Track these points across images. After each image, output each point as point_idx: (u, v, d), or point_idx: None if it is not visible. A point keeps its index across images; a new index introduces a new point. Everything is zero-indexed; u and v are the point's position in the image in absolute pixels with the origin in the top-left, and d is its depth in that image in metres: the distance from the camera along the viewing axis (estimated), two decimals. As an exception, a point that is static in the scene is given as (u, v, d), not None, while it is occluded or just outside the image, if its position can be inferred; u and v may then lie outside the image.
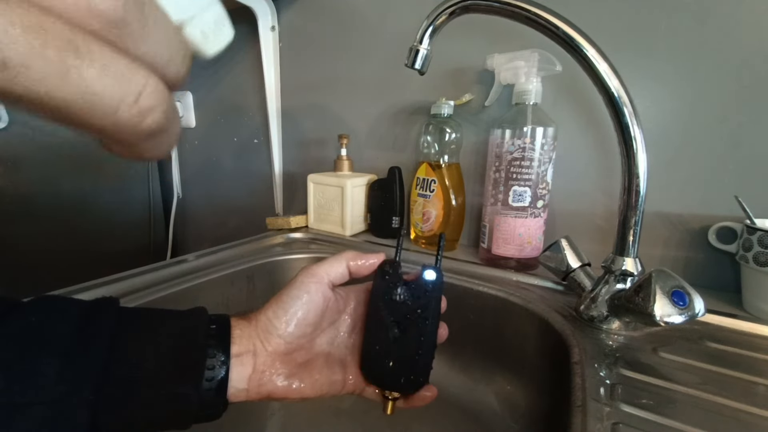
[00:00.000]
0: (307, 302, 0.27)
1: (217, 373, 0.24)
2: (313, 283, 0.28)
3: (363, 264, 0.29)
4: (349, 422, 0.46)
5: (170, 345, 0.24)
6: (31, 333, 0.20)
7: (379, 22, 0.68)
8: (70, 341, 0.20)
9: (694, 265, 0.49)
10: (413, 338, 0.27)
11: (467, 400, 0.47)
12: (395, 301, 0.28)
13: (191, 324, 0.25)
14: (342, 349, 0.30)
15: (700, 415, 0.27)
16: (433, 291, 0.28)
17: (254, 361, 0.26)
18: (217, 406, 0.24)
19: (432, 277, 0.28)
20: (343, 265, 0.29)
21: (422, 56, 0.41)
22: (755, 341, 0.37)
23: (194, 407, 0.23)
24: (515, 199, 0.50)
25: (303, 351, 0.28)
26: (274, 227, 0.71)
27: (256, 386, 0.25)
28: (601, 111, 0.50)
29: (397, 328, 0.28)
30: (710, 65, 0.46)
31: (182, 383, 0.23)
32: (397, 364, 0.27)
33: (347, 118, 0.75)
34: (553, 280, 0.48)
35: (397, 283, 0.28)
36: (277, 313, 0.27)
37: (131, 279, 0.45)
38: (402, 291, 0.28)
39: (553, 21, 0.35)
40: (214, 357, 0.24)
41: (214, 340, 0.25)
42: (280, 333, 0.26)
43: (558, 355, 0.37)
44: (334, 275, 0.29)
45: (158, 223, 1.02)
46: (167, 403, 0.22)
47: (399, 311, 0.28)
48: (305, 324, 0.27)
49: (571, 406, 0.28)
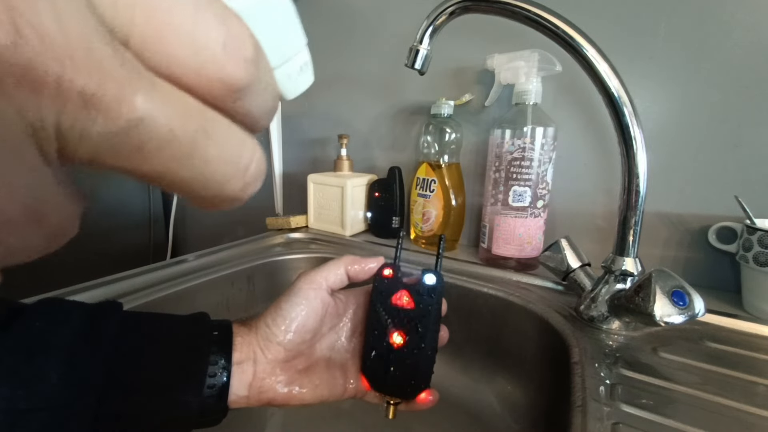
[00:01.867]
0: (306, 309, 0.27)
1: (218, 380, 0.24)
2: (312, 289, 0.28)
3: (362, 269, 0.29)
4: (349, 423, 0.46)
5: (173, 351, 0.24)
6: (35, 338, 0.20)
7: (379, 22, 0.68)
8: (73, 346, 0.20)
9: (694, 265, 0.49)
10: (414, 343, 0.27)
11: (467, 400, 0.47)
12: (395, 306, 0.28)
13: (194, 330, 0.25)
14: (343, 354, 0.30)
15: (700, 415, 0.27)
16: (433, 295, 0.27)
17: (254, 368, 0.26)
18: (217, 412, 0.24)
19: (432, 281, 0.28)
20: (342, 270, 0.29)
21: (422, 56, 0.41)
22: (755, 341, 0.37)
23: (195, 413, 0.23)
24: (515, 199, 0.50)
25: (303, 357, 0.28)
26: (274, 227, 0.71)
27: (257, 393, 0.26)
28: (601, 111, 0.50)
29: (397, 333, 0.27)
30: (710, 65, 0.46)
31: (184, 389, 0.23)
32: (398, 369, 0.27)
33: (347, 118, 0.75)
34: (553, 280, 0.48)
35: (397, 288, 0.28)
36: (276, 320, 0.27)
37: (131, 279, 0.45)
38: (402, 295, 0.28)
39: (553, 21, 0.35)
40: (216, 364, 0.24)
41: (217, 347, 0.25)
42: (279, 340, 0.26)
43: (558, 355, 0.37)
44: (332, 281, 0.28)
45: (158, 223, 1.02)
46: (169, 409, 0.22)
47: (399, 316, 0.27)
48: (304, 331, 0.27)
49: (571, 406, 0.28)
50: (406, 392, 0.27)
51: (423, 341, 0.27)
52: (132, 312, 0.25)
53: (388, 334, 0.27)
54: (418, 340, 0.27)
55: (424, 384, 0.27)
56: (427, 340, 0.27)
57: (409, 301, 0.28)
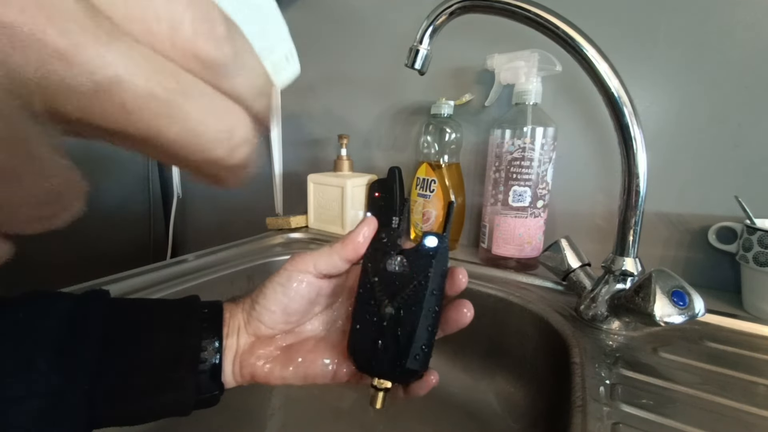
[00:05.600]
0: (290, 291, 0.26)
1: (210, 356, 0.24)
2: (296, 272, 0.26)
3: (359, 242, 0.26)
4: (349, 423, 0.46)
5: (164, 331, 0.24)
6: (21, 328, 0.20)
7: (379, 22, 0.68)
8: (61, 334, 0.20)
9: (694, 265, 0.49)
10: (409, 315, 0.23)
11: (467, 400, 0.47)
12: (389, 272, 0.24)
13: (184, 310, 0.26)
14: (339, 334, 0.28)
15: (700, 415, 0.27)
16: (434, 259, 0.24)
17: (237, 342, 0.26)
18: (212, 390, 0.24)
19: (433, 243, 0.24)
20: (334, 257, 0.26)
21: (422, 56, 0.41)
22: (755, 341, 0.37)
23: (191, 392, 0.23)
24: (515, 199, 0.50)
25: (288, 335, 0.27)
26: (274, 227, 0.71)
27: (239, 368, 0.26)
28: (601, 111, 0.50)
29: (389, 303, 0.23)
30: (710, 65, 0.46)
31: (177, 369, 0.23)
32: (388, 344, 0.23)
33: (347, 118, 0.75)
34: (553, 280, 0.48)
35: (393, 251, 0.24)
36: (258, 299, 0.27)
37: (131, 279, 0.45)
38: (398, 260, 0.24)
39: (553, 21, 0.35)
40: (207, 339, 0.25)
41: (207, 323, 0.25)
42: (260, 318, 0.26)
43: (558, 355, 0.37)
44: (324, 268, 0.26)
45: (158, 223, 1.02)
46: (164, 390, 0.23)
47: (393, 283, 0.24)
48: (287, 312, 0.26)
49: (571, 406, 0.28)
50: (396, 374, 0.23)
51: (419, 313, 0.23)
52: (119, 298, 0.25)
53: (379, 305, 0.24)
54: (415, 313, 0.23)
55: (420, 366, 0.23)
56: (425, 312, 0.23)
57: (405, 267, 0.24)
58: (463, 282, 0.26)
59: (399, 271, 0.24)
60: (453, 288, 0.25)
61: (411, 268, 0.24)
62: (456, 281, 0.25)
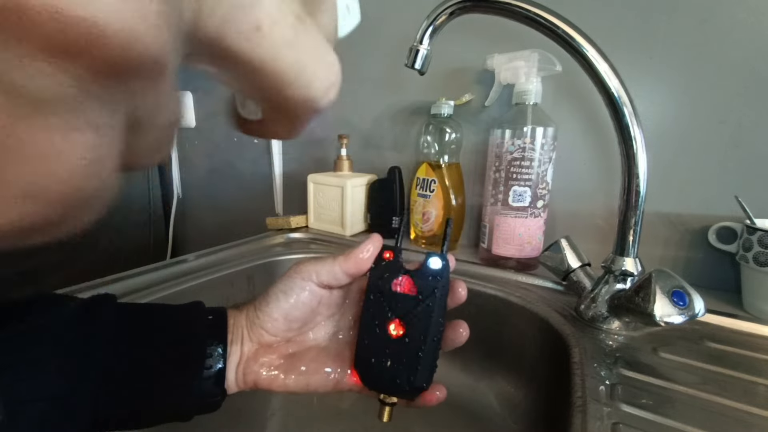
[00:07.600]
0: (292, 299, 0.26)
1: (215, 361, 0.24)
2: (301, 280, 0.26)
3: (357, 262, 0.26)
4: (349, 423, 0.46)
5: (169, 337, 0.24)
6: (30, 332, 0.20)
7: (379, 22, 0.68)
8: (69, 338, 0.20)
9: (694, 265, 0.49)
10: (414, 335, 0.24)
11: (467, 400, 0.47)
12: (395, 293, 0.25)
13: (190, 316, 0.26)
14: (341, 345, 0.28)
15: (700, 415, 0.27)
16: (439, 280, 0.24)
17: (241, 349, 0.26)
18: (215, 395, 0.24)
19: (438, 265, 0.25)
20: (335, 268, 0.26)
21: (422, 56, 0.41)
22: (755, 341, 0.37)
23: (195, 398, 0.23)
24: (515, 199, 0.50)
25: (290, 343, 0.28)
26: (274, 227, 0.71)
27: (242, 375, 0.26)
28: (601, 111, 0.50)
29: (395, 323, 0.24)
30: (710, 66, 0.46)
31: (183, 374, 0.23)
32: (396, 365, 0.24)
33: (347, 118, 0.75)
34: (553, 280, 0.48)
35: (398, 272, 0.25)
36: (261, 306, 0.27)
37: (131, 279, 0.45)
38: (403, 281, 0.25)
39: (553, 21, 0.35)
40: (212, 346, 0.25)
41: (212, 330, 0.25)
42: (263, 325, 0.26)
43: (558, 355, 0.37)
44: (325, 278, 0.27)
45: (158, 223, 1.02)
46: (168, 395, 0.23)
47: (399, 304, 0.25)
48: (289, 319, 0.27)
49: (571, 406, 0.28)
50: (403, 391, 0.24)
51: (425, 333, 0.24)
52: (126, 303, 0.25)
53: (386, 324, 0.24)
54: (420, 332, 0.24)
55: (426, 383, 0.24)
56: (430, 332, 0.24)
57: (411, 288, 0.25)
58: (462, 295, 0.26)
59: (406, 292, 0.25)
60: (453, 301, 0.26)
61: (417, 288, 0.25)
62: (456, 295, 0.26)
